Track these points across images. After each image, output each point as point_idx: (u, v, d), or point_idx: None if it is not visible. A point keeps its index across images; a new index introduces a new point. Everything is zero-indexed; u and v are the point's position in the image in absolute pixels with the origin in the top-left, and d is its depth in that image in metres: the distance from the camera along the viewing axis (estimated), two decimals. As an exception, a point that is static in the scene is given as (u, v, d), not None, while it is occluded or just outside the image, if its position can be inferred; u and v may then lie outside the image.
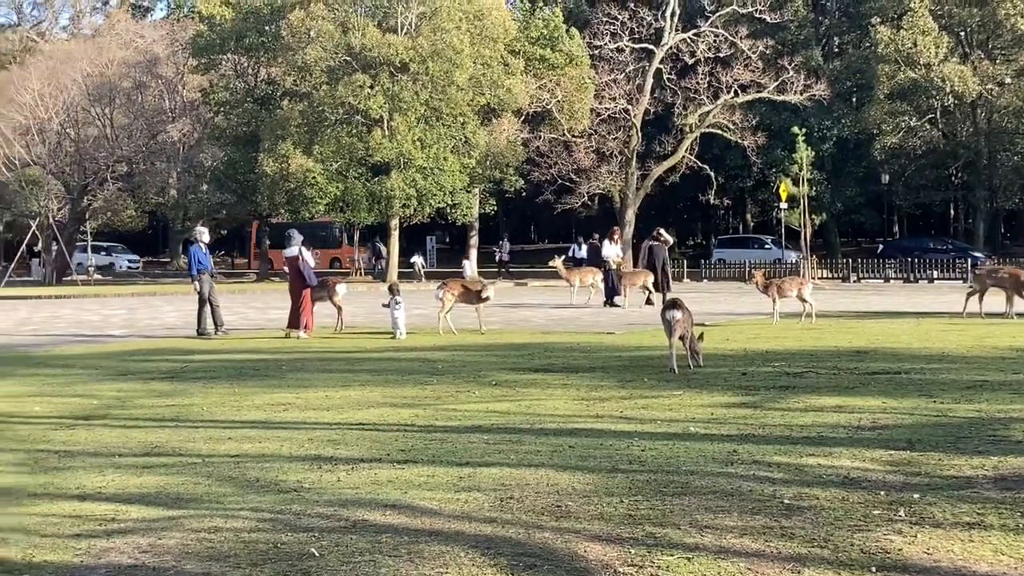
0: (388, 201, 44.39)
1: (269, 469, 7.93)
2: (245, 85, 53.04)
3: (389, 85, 43.38)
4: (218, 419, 10.43)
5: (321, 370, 14.53)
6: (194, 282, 21.16)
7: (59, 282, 50.46)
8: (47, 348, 19.48)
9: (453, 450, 8.56)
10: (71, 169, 53.32)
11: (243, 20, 50.56)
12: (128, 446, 9.09)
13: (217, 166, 54.24)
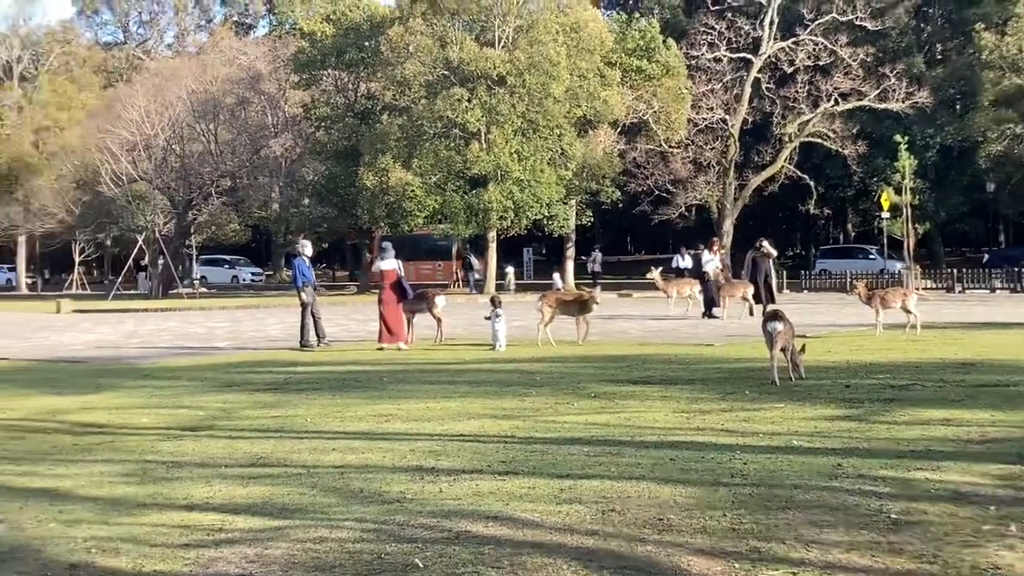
0: (485, 213, 44.58)
1: (372, 480, 8.01)
2: (345, 100, 53.71)
3: (486, 98, 43.61)
4: (322, 430, 10.55)
5: (422, 381, 14.63)
6: (298, 294, 21.47)
7: (165, 295, 51.46)
8: (154, 360, 19.87)
9: (553, 462, 8.56)
10: (176, 184, 54.39)
11: (343, 36, 51.25)
12: (234, 457, 9.25)
13: (318, 180, 54.95)
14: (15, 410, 12.83)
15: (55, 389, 15.07)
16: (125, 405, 13.04)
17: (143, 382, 15.78)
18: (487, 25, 45.81)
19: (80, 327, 30.96)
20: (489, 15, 45.48)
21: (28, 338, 27.14)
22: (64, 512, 7.25)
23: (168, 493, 7.82)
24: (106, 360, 20.20)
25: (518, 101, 43.99)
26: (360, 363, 17.78)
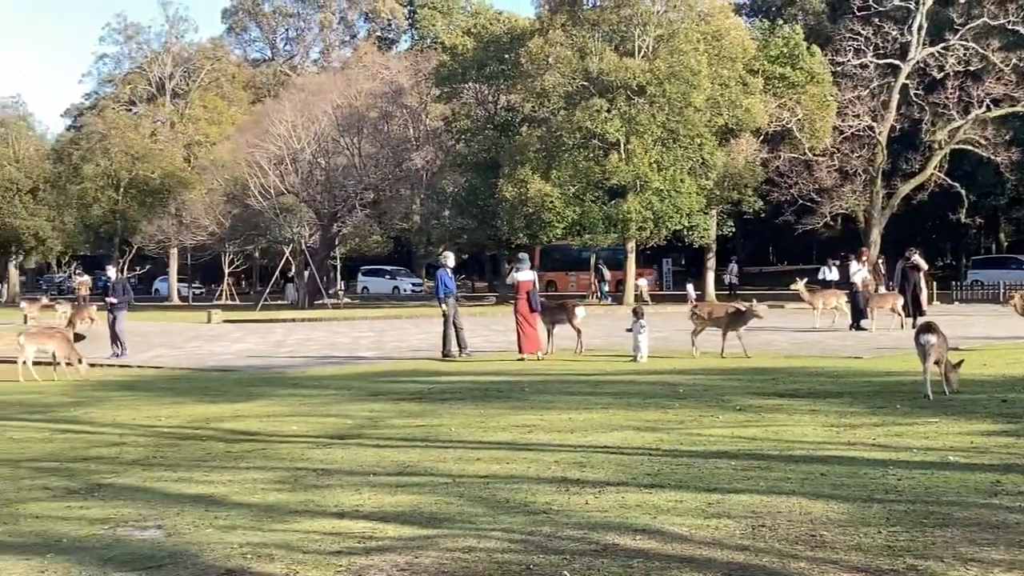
0: (624, 224, 44.38)
1: (518, 490, 8.02)
2: (485, 112, 54.10)
3: (626, 108, 43.47)
4: (466, 440, 10.61)
5: (563, 392, 14.62)
6: (440, 305, 21.67)
7: (311, 305, 52.39)
8: (302, 369, 20.26)
9: (700, 475, 8.47)
10: (322, 197, 55.39)
11: (484, 49, 51.65)
12: (382, 465, 9.36)
13: (458, 192, 55.42)
14: (171, 417, 13.20)
15: (208, 397, 15.47)
16: (275, 413, 13.31)
17: (292, 391, 16.10)
18: (627, 35, 45.65)
19: (230, 337, 31.73)
20: (629, 25, 45.32)
21: (180, 347, 27.93)
22: (219, 518, 7.42)
23: (319, 500, 7.94)
24: (256, 369, 20.66)
25: (658, 111, 43.75)
26: (501, 373, 17.83)
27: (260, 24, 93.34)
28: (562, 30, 45.67)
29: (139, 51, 79.39)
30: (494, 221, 50.30)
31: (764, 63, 47.78)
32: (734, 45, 45.44)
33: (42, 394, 17.11)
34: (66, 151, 74.79)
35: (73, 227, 74.05)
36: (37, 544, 6.81)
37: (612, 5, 45.34)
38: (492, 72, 51.48)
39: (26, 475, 9.54)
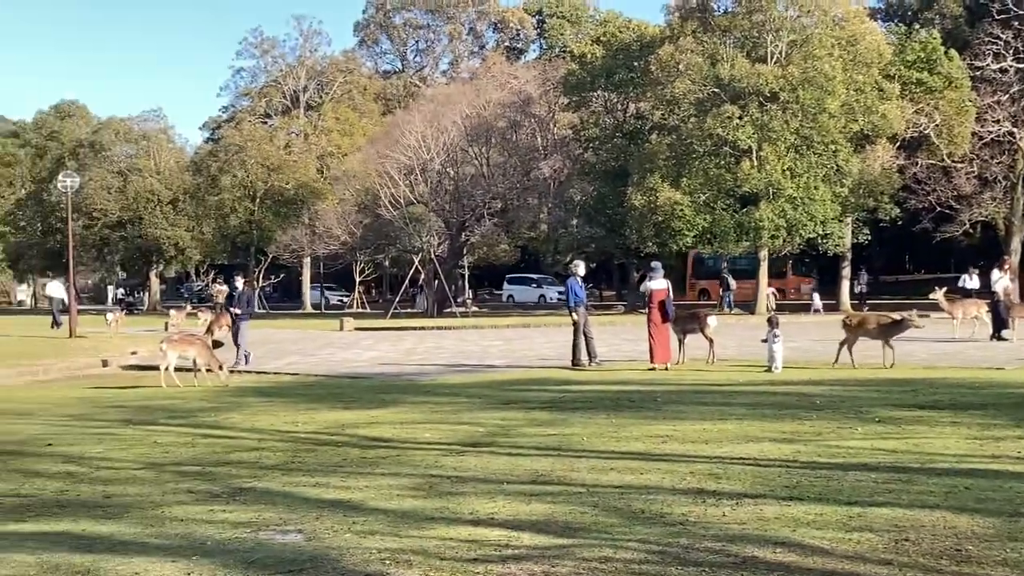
0: (756, 232, 43.90)
1: (653, 501, 7.96)
2: (614, 120, 54.02)
3: (758, 115, 43.02)
4: (599, 449, 10.57)
5: (696, 403, 14.49)
6: (571, 314, 21.66)
7: (440, 314, 52.83)
8: (433, 377, 20.45)
9: (840, 488, 8.31)
10: (450, 206, 55.86)
11: (613, 57, 51.61)
12: (515, 473, 9.37)
13: (586, 201, 55.41)
14: (307, 423, 13.43)
15: (342, 403, 15.70)
16: (408, 420, 13.44)
17: (424, 398, 16.24)
18: (759, 41, 45.17)
19: (362, 344, 32.18)
20: (761, 31, 44.86)
21: (314, 354, 28.41)
22: (357, 523, 7.51)
23: (454, 507, 7.99)
24: (388, 376, 20.92)
25: (791, 117, 43.18)
26: (632, 383, 17.75)
27: (391, 36, 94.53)
28: (693, 37, 45.42)
29: (274, 65, 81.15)
30: (622, 229, 50.15)
31: (900, 68, 46.79)
32: (869, 50, 44.67)
33: (184, 399, 17.54)
34: (204, 163, 76.73)
35: (211, 237, 75.91)
36: (183, 546, 6.97)
37: (744, 11, 44.93)
38: (621, 80, 51.39)
39: (170, 478, 9.78)
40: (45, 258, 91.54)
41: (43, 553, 6.88)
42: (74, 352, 29.73)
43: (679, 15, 48.27)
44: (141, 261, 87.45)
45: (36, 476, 10.14)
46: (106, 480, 9.79)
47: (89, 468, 10.50)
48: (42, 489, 9.46)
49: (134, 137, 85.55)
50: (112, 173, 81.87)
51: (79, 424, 14.47)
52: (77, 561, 6.65)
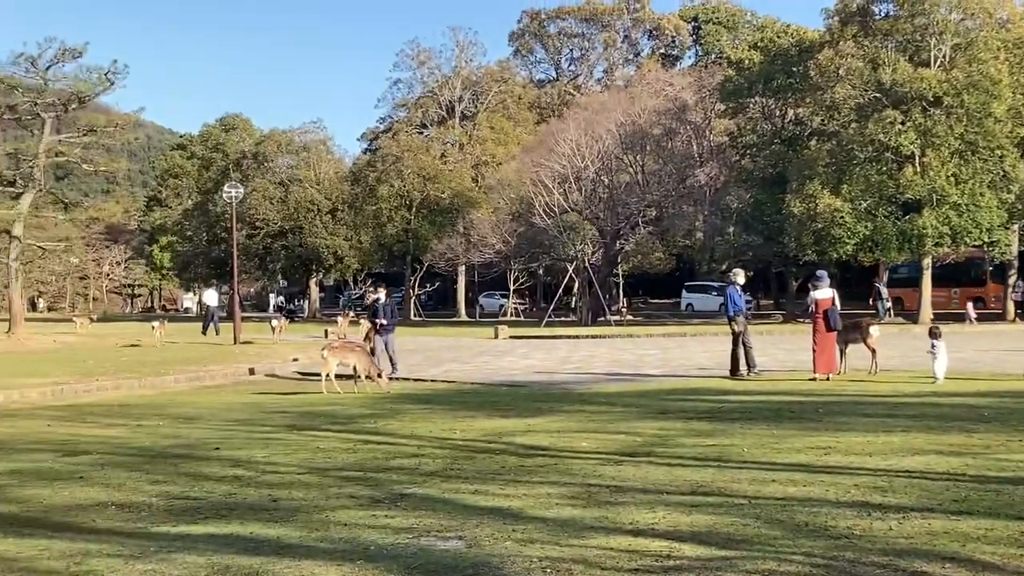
0: (919, 240, 42.77)
1: (817, 514, 7.81)
2: (772, 127, 53.28)
3: (921, 120, 41.93)
4: (759, 460, 10.42)
5: (859, 414, 14.17)
6: (730, 323, 21.42)
7: (594, 323, 52.81)
8: (588, 386, 20.42)
9: (1011, 502, 8.04)
10: (605, 215, 55.83)
11: (770, 63, 50.89)
12: (675, 484, 9.30)
13: (743, 208, 54.76)
14: (464, 431, 13.55)
15: (499, 411, 15.79)
16: (565, 429, 13.44)
17: (580, 407, 16.24)
18: (922, 45, 44.02)
19: (517, 352, 32.34)
20: (924, 34, 43.72)
21: (469, 362, 28.66)
22: (517, 531, 7.54)
23: (613, 517, 7.96)
24: (543, 385, 20.98)
25: (955, 122, 41.95)
26: (793, 393, 17.46)
27: (545, 45, 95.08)
28: (853, 41, 44.52)
29: (430, 75, 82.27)
30: (781, 237, 49.34)
31: (1070, 71, 45.08)
32: (1037, 52, 43.18)
33: (344, 406, 17.88)
34: (363, 173, 78.14)
35: (368, 246, 77.21)
36: (347, 550, 7.09)
37: (906, 14, 43.85)
38: (779, 86, 50.62)
39: (333, 483, 9.97)
40: (210, 266, 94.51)
41: (213, 555, 7.09)
42: (238, 358, 30.59)
43: (839, 19, 47.31)
44: (301, 269, 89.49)
45: (205, 479, 10.45)
46: (272, 484, 10.03)
47: (255, 472, 10.78)
48: (211, 492, 9.73)
49: (295, 148, 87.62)
50: (274, 184, 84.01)
51: (245, 429, 14.87)
52: (245, 563, 6.83)
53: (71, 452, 12.66)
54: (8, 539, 7.85)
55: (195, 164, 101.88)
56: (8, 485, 10.41)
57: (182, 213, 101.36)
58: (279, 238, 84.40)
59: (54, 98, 42.75)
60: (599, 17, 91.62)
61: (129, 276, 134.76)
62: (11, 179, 43.86)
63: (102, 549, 7.39)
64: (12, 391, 22.19)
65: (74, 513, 8.89)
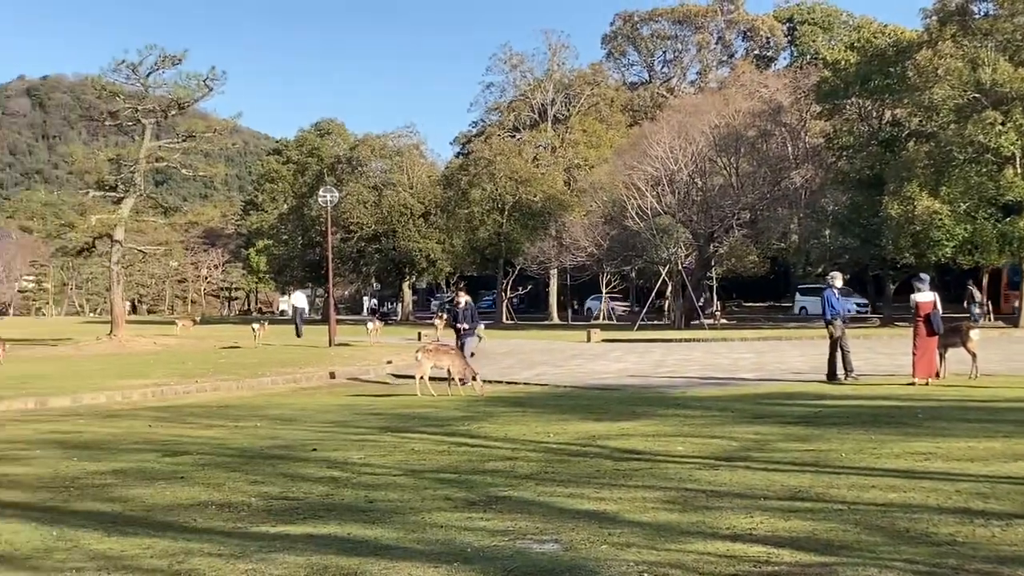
0: (1020, 242, 41.85)
1: (918, 520, 7.70)
2: (869, 128, 52.48)
3: (1022, 121, 41.01)
4: (858, 466, 10.27)
5: (959, 419, 13.91)
6: (827, 326, 21.15)
7: (687, 326, 52.49)
8: (682, 389, 20.31)
9: (1123, 512, 7.84)
10: (698, 217, 55.48)
11: (867, 63, 50.12)
12: (772, 489, 9.21)
13: (839, 210, 54.00)
14: (558, 434, 13.55)
15: (592, 415, 15.78)
16: (659, 433, 13.38)
17: (674, 411, 16.15)
18: (1022, 44, 43.08)
19: (610, 356, 32.26)
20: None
21: (562, 365, 28.66)
22: (613, 535, 7.53)
23: (710, 522, 7.91)
24: (637, 388, 20.92)
25: (1058, 122, 41.00)
26: (890, 398, 17.17)
27: (638, 48, 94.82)
28: (952, 41, 43.67)
29: (523, 79, 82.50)
30: (878, 240, 48.56)
31: None
32: None
33: (438, 408, 17.99)
34: (455, 177, 78.55)
35: (461, 249, 77.59)
36: (444, 552, 7.14)
37: (1006, 14, 42.96)
38: (876, 86, 49.82)
39: (428, 485, 10.04)
40: (305, 270, 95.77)
41: (312, 555, 7.18)
42: (333, 360, 30.92)
43: (937, 19, 46.48)
44: (394, 272, 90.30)
45: (302, 480, 10.58)
46: (368, 485, 10.12)
47: (352, 473, 10.89)
48: (308, 492, 9.86)
49: (388, 153, 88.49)
50: (368, 188, 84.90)
51: (340, 430, 15.03)
52: (344, 563, 6.91)
53: (172, 452, 12.90)
54: (112, 537, 8.03)
55: (291, 169, 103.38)
56: (112, 484, 10.64)
57: (278, 217, 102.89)
58: (373, 241, 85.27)
59: (154, 104, 43.58)
60: (692, 19, 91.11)
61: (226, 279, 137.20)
62: (113, 184, 44.77)
63: (203, 548, 7.52)
64: (115, 392, 22.68)
65: (175, 512, 9.06)
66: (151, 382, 24.83)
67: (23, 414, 19.60)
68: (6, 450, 13.55)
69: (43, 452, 13.34)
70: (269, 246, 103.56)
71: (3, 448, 13.77)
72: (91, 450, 13.41)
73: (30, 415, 19.37)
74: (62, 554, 7.49)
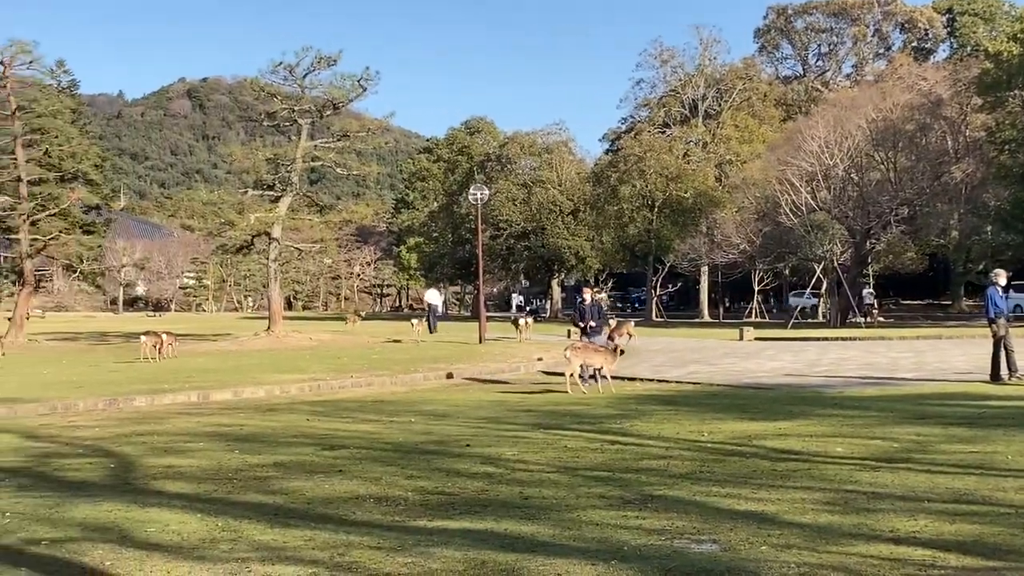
0: None
1: (1094, 527, 7.38)
2: (1034, 121, 50.79)
3: None
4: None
5: None
6: (990, 325, 20.49)
7: (843, 324, 51.45)
8: (839, 389, 19.88)
9: None
10: (854, 213, 54.30)
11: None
12: (935, 491, 8.94)
13: (1002, 206, 52.39)
14: (712, 433, 13.38)
15: (747, 414, 15.55)
16: (817, 433, 13.11)
17: (831, 411, 15.81)
18: None
19: (763, 354, 31.77)
20: None
21: (714, 363, 28.33)
22: (772, 536, 7.39)
23: (872, 524, 7.71)
24: (792, 387, 20.56)
25: None
26: (1061, 400, 16.56)
27: (792, 41, 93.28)
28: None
29: (673, 74, 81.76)
30: (1042, 236, 47.01)
31: None
32: None
33: (589, 406, 17.94)
34: (604, 174, 78.37)
35: (610, 246, 77.46)
36: (600, 550, 7.09)
37: None
38: (1043, 78, 48.20)
39: (582, 483, 10.00)
40: (455, 267, 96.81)
41: (469, 550, 7.21)
42: (483, 357, 31.14)
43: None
44: (543, 269, 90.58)
45: (457, 475, 10.65)
46: (522, 481, 10.13)
47: (506, 469, 10.92)
48: (464, 488, 9.91)
49: (537, 150, 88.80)
50: (517, 185, 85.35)
51: (492, 426, 15.10)
52: (501, 559, 6.91)
53: (330, 446, 13.12)
54: (274, 529, 8.19)
55: (441, 167, 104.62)
56: (272, 477, 10.86)
57: (428, 215, 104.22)
58: (522, 239, 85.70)
59: (310, 105, 44.46)
60: (848, 11, 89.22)
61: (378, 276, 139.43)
62: (271, 183, 45.84)
63: (363, 541, 7.62)
64: (273, 386, 23.22)
65: (335, 505, 9.20)
66: (307, 377, 25.35)
67: (187, 407, 20.19)
68: (172, 442, 13.96)
69: (206, 444, 13.71)
70: (420, 243, 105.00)
71: (169, 440, 14.19)
72: (252, 443, 13.73)
73: (193, 408, 19.94)
74: (227, 544, 7.67)
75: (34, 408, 19.68)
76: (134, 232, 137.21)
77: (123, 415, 18.46)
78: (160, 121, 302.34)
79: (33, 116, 45.11)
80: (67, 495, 9.94)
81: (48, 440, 14.60)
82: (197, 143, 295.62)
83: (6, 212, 46.41)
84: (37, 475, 11.38)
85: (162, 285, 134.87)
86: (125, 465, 11.91)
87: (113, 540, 7.86)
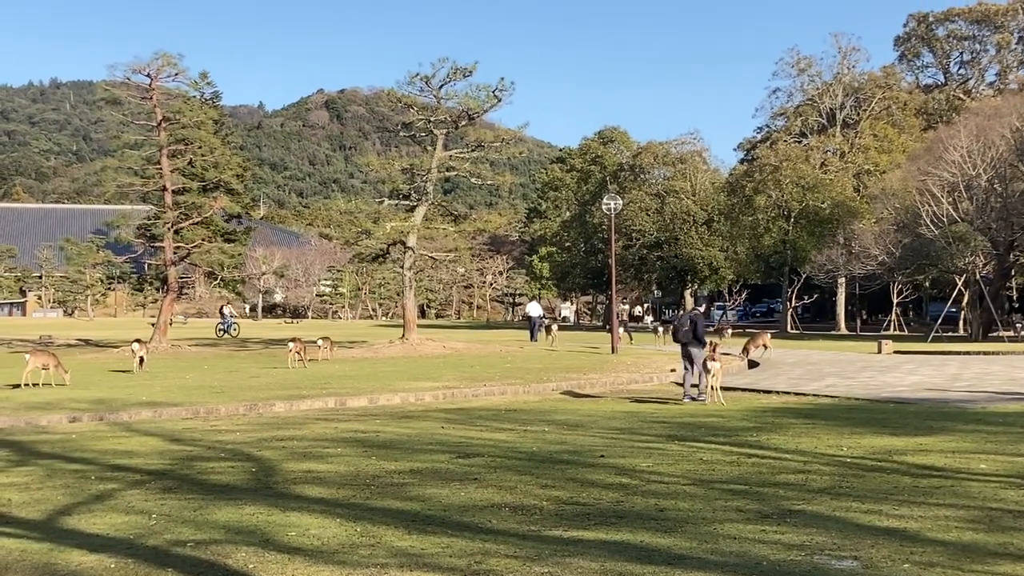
0: None
1: None
2: None
3: None
4: None
5: None
6: None
7: (985, 338, 50.09)
8: (982, 405, 19.39)
9: None
10: (997, 225, 52.88)
11: None
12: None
13: None
14: (851, 448, 13.17)
15: (887, 429, 15.26)
16: (960, 449, 12.82)
17: (974, 426, 15.44)
18: None
19: (902, 368, 31.09)
20: None
21: (852, 377, 27.81)
22: (915, 553, 7.26)
23: (1019, 543, 7.54)
24: (933, 402, 20.10)
25: None
26: None
27: (933, 49, 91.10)
28: None
29: (810, 83, 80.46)
30: None
31: None
32: None
33: (723, 418, 17.79)
34: (739, 183, 77.55)
35: (744, 257, 76.60)
36: (739, 564, 7.04)
37: None
38: None
39: (718, 496, 9.93)
40: (587, 276, 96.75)
41: (606, 560, 7.21)
42: (616, 367, 31.06)
43: None
44: (676, 280, 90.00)
45: (592, 485, 10.65)
46: (658, 493, 10.10)
47: (640, 481, 10.88)
48: (599, 499, 9.91)
49: (671, 160, 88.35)
50: (650, 195, 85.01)
51: (626, 437, 15.06)
52: (638, 571, 6.91)
53: (465, 454, 13.23)
54: (412, 535, 8.30)
55: (574, 177, 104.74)
56: (409, 484, 10.99)
57: (561, 224, 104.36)
58: (654, 249, 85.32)
59: (446, 115, 44.87)
60: (992, 18, 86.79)
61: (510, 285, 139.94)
62: (406, 192, 46.40)
63: (499, 549, 7.68)
64: (408, 394, 23.48)
65: (471, 513, 9.27)
66: (441, 384, 25.56)
67: (324, 413, 20.54)
68: (311, 447, 14.22)
69: (344, 450, 13.93)
70: (552, 253, 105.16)
71: (308, 445, 14.46)
72: (388, 449, 13.91)
73: (330, 414, 20.27)
74: (366, 550, 7.79)
75: (177, 412, 20.22)
76: (273, 240, 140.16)
77: (263, 420, 18.86)
78: (299, 132, 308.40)
79: (178, 127, 46.28)
80: (210, 498, 10.21)
81: (191, 444, 14.99)
82: (334, 153, 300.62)
83: (152, 220, 47.79)
84: (181, 478, 11.69)
85: (299, 292, 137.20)
86: (266, 469, 12.18)
87: (255, 543, 8.06)
